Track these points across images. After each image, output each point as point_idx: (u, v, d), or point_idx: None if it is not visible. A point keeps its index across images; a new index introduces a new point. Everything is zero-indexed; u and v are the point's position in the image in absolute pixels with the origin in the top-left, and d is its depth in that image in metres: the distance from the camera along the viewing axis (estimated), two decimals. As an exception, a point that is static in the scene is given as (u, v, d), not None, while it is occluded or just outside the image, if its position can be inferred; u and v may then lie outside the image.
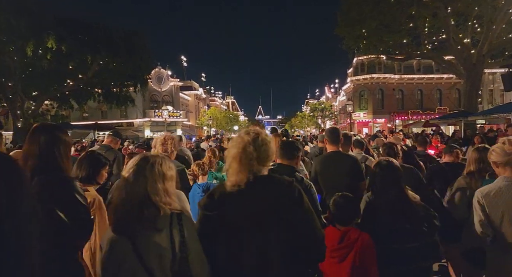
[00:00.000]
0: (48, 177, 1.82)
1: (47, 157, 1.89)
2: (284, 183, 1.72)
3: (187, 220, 1.64)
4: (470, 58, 17.69)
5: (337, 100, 53.20)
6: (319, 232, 1.72)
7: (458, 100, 37.35)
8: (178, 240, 1.55)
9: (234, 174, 1.70)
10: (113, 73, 19.84)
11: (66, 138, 2.03)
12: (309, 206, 1.71)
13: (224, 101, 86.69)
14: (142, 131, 36.46)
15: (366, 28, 18.85)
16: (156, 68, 37.83)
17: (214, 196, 1.72)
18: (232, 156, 1.73)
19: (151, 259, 1.52)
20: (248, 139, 1.73)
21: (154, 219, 1.55)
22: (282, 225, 1.63)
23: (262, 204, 1.65)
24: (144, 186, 1.58)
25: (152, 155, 1.73)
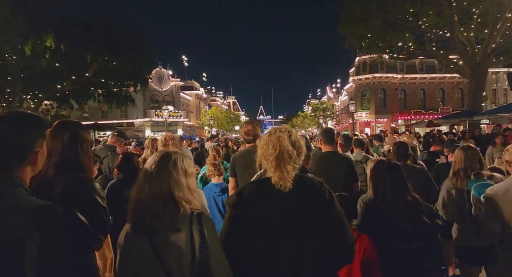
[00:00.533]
0: (69, 177, 1.83)
1: (70, 155, 1.90)
2: (315, 184, 1.66)
3: (207, 220, 1.60)
4: (474, 56, 17.45)
5: (339, 100, 52.92)
6: (350, 235, 1.69)
7: (461, 99, 37.12)
8: (199, 241, 1.51)
9: (281, 173, 1.62)
10: (113, 72, 19.64)
11: (87, 136, 2.04)
12: (339, 208, 1.67)
13: (225, 101, 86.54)
14: (142, 131, 36.30)
15: (369, 26, 18.64)
16: (157, 68, 37.68)
17: (243, 195, 1.65)
18: (276, 156, 1.65)
19: (170, 259, 1.49)
20: (285, 136, 1.69)
21: (173, 218, 1.53)
22: (314, 227, 1.60)
23: (295, 205, 1.60)
24: (168, 182, 1.56)
25: (173, 151, 1.69)
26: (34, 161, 1.28)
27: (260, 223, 1.60)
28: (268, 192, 1.63)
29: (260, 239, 1.59)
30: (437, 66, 36.50)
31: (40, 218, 1.11)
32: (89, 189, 1.89)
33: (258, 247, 1.60)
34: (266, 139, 1.73)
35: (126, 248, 1.57)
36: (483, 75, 17.74)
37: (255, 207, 1.62)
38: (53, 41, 14.61)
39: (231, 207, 1.68)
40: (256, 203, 1.63)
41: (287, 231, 1.58)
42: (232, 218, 1.67)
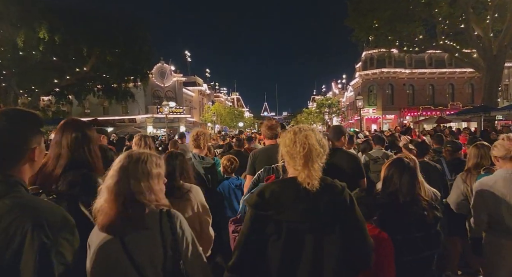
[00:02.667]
0: (75, 174, 1.86)
1: (76, 155, 1.93)
2: (338, 187, 1.65)
3: (178, 216, 1.59)
4: (490, 49, 16.55)
5: (344, 96, 51.94)
6: (369, 240, 1.69)
7: (471, 95, 36.08)
8: (170, 238, 1.51)
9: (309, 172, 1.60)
10: (112, 66, 18.94)
11: (94, 135, 2.05)
12: (360, 213, 1.67)
13: (229, 97, 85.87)
14: (144, 127, 35.76)
15: (378, 17, 17.82)
16: (159, 63, 37.10)
17: (265, 195, 1.61)
18: (304, 154, 1.62)
19: (142, 258, 1.48)
20: (312, 134, 1.68)
21: (141, 218, 1.52)
22: (335, 230, 1.59)
23: (318, 207, 1.58)
24: (127, 185, 1.54)
25: (137, 152, 1.68)
26: (32, 158, 1.28)
27: (282, 225, 1.57)
28: (291, 192, 1.60)
29: (281, 241, 1.57)
30: (446, 61, 35.45)
31: (40, 217, 1.10)
32: (93, 184, 1.86)
33: (279, 249, 1.57)
34: (291, 138, 1.69)
35: (97, 250, 1.54)
36: (499, 69, 16.87)
37: (278, 207, 1.58)
38: (46, 32, 13.90)
39: (252, 207, 1.63)
40: (279, 203, 1.59)
41: (309, 234, 1.57)
42: (252, 218, 1.63)
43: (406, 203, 2.30)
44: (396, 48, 21.07)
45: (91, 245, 1.58)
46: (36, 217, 1.10)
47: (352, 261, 1.64)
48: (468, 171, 3.32)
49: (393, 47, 20.99)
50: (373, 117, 36.72)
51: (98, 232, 1.57)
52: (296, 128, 1.74)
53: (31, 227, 1.06)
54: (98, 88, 21.63)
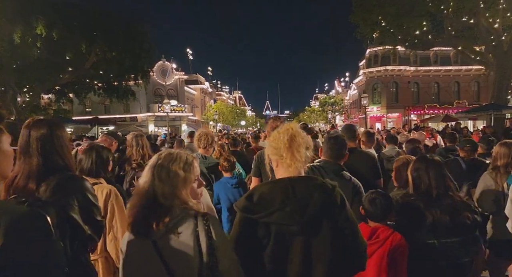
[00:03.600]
0: (57, 178, 1.72)
1: (50, 157, 1.78)
2: (328, 187, 1.60)
3: (214, 220, 1.52)
4: (501, 44, 16.04)
5: (347, 94, 51.41)
6: (362, 241, 1.66)
7: (477, 93, 35.51)
8: (206, 243, 1.44)
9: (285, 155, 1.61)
10: (112, 64, 18.54)
11: (64, 134, 1.90)
12: (351, 214, 1.64)
13: (231, 95, 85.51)
14: (146, 126, 35.44)
15: (384, 13, 17.33)
16: (160, 61, 36.73)
17: (253, 198, 1.59)
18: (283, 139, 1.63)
19: (176, 263, 1.43)
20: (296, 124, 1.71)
21: (174, 221, 1.46)
22: (326, 232, 1.55)
23: (307, 209, 1.53)
24: (156, 187, 1.49)
25: (177, 152, 1.61)
26: None
27: (271, 227, 1.55)
28: (280, 194, 1.56)
29: (271, 245, 1.55)
30: (452, 58, 34.89)
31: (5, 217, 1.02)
32: (80, 187, 1.80)
33: (268, 252, 1.55)
34: (276, 132, 1.71)
35: (129, 254, 1.50)
36: (510, 65, 16.32)
37: (266, 210, 1.54)
38: (44, 28, 13.51)
39: (240, 210, 1.60)
40: (267, 206, 1.55)
41: (298, 236, 1.54)
42: (242, 222, 1.60)
43: (444, 203, 2.20)
44: (401, 45, 20.56)
45: (123, 250, 1.53)
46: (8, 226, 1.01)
47: (345, 262, 1.60)
48: (497, 169, 3.16)
49: (399, 44, 20.48)
50: (377, 116, 36.20)
51: (129, 237, 1.53)
52: (284, 126, 1.72)
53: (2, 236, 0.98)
54: (98, 86, 21.24)
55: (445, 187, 2.28)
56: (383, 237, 2.13)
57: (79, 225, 1.70)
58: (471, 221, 2.20)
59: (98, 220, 1.86)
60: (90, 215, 1.79)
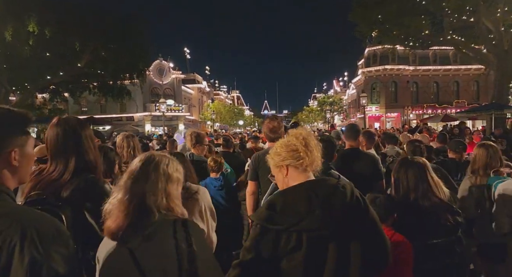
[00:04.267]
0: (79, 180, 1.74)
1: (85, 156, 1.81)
2: (347, 188, 1.54)
3: (194, 227, 1.47)
4: (501, 44, 15.84)
5: (346, 93, 51.21)
6: (387, 239, 1.64)
7: (476, 92, 35.38)
8: (186, 251, 1.36)
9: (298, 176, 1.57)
10: (107, 62, 18.23)
11: (90, 132, 1.91)
12: (374, 213, 1.60)
13: (229, 95, 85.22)
14: (142, 126, 35.15)
15: (384, 12, 17.12)
16: (157, 60, 36.43)
17: (276, 207, 1.50)
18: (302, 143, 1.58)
19: (154, 272, 1.34)
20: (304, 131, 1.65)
21: (153, 227, 1.39)
22: (355, 233, 1.51)
23: (336, 210, 1.47)
24: (143, 187, 1.42)
25: (158, 154, 1.57)
26: (9, 163, 1.15)
27: (302, 235, 1.46)
28: (304, 199, 1.48)
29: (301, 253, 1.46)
30: (451, 57, 34.73)
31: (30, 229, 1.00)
32: (100, 190, 1.79)
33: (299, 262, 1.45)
34: (285, 139, 1.67)
35: (105, 262, 1.44)
36: (511, 64, 16.12)
37: (295, 218, 1.45)
38: (36, 26, 13.19)
39: (264, 221, 1.49)
40: (295, 213, 1.46)
41: (332, 240, 1.48)
42: (264, 234, 1.48)
43: (423, 206, 2.21)
44: (401, 44, 20.36)
45: (99, 259, 1.49)
46: (25, 229, 0.99)
47: (372, 262, 1.58)
48: (476, 173, 3.14)
49: (398, 43, 20.28)
50: (376, 115, 36.00)
51: (106, 244, 1.48)
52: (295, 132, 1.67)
53: (20, 240, 0.97)
54: (93, 85, 20.92)
55: (424, 189, 2.25)
56: None
57: (94, 228, 1.67)
58: (451, 223, 2.19)
59: None
60: None
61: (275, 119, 3.33)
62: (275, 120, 3.29)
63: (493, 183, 2.88)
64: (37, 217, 1.09)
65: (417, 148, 4.08)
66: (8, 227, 0.99)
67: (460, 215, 2.27)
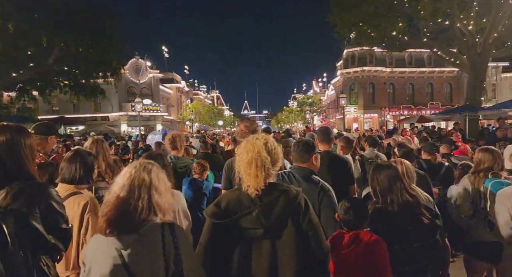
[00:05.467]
0: (19, 185, 1.66)
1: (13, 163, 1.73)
2: (293, 192, 1.70)
3: (180, 231, 1.60)
4: (475, 47, 16.20)
5: (325, 94, 51.65)
6: (325, 244, 1.74)
7: (450, 94, 36.43)
8: (172, 253, 1.48)
9: (251, 180, 1.67)
10: (78, 60, 17.36)
11: (30, 140, 1.86)
12: (315, 218, 1.74)
13: (209, 95, 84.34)
14: (118, 126, 34.08)
15: (361, 13, 17.21)
16: (134, 58, 35.40)
17: (221, 204, 1.70)
18: (247, 161, 1.70)
19: (142, 273, 1.44)
20: (260, 143, 1.73)
21: (144, 230, 1.48)
22: (290, 235, 1.64)
23: (270, 213, 1.63)
24: (137, 194, 1.52)
25: (148, 162, 1.68)
26: None
27: (239, 232, 1.64)
28: (246, 200, 1.67)
29: (239, 249, 1.64)
30: (426, 60, 35.61)
31: None
32: (44, 194, 1.73)
33: (238, 256, 1.63)
34: (242, 146, 1.77)
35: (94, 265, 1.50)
36: (484, 67, 16.59)
37: (234, 215, 1.63)
38: (-3, 19, 12.31)
39: (209, 216, 1.69)
40: (235, 211, 1.64)
41: (265, 239, 1.63)
42: (210, 228, 1.69)
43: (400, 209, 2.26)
44: (378, 45, 20.56)
45: (85, 262, 1.54)
46: None
47: (309, 265, 1.66)
48: (476, 173, 3.28)
49: (376, 45, 20.47)
50: (354, 116, 36.41)
51: (93, 247, 1.53)
52: (250, 137, 1.79)
53: None
54: (64, 84, 19.91)
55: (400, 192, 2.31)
56: (366, 240, 2.12)
57: (41, 234, 1.63)
58: (430, 226, 2.25)
59: (64, 228, 1.80)
60: (54, 223, 1.74)
61: (244, 122, 3.14)
62: (243, 124, 3.11)
63: (490, 183, 3.03)
64: None
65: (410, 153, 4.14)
66: None
67: (439, 218, 2.34)
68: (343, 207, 2.24)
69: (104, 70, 18.64)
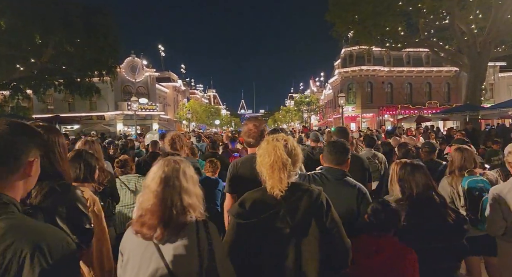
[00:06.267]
0: (48, 185, 1.73)
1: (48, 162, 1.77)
2: (313, 192, 1.75)
3: (213, 227, 1.65)
4: (475, 45, 16.08)
5: (323, 94, 51.49)
6: (347, 241, 1.78)
7: (447, 94, 36.39)
8: (206, 248, 1.55)
9: (275, 182, 1.72)
10: (73, 58, 17.01)
11: (63, 140, 1.95)
12: (336, 216, 1.77)
13: (206, 94, 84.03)
14: (114, 125, 33.69)
15: (360, 12, 17.03)
16: (130, 57, 35.00)
17: (245, 204, 1.74)
18: (270, 165, 1.74)
19: (179, 267, 1.52)
20: (280, 145, 1.76)
21: (181, 226, 1.56)
22: (315, 233, 1.69)
23: (293, 212, 1.68)
24: (174, 192, 1.59)
25: (179, 159, 1.73)
26: (28, 174, 1.15)
27: (265, 231, 1.68)
28: (271, 200, 1.71)
29: (265, 247, 1.69)
30: (424, 59, 35.53)
31: (40, 241, 0.99)
32: (71, 196, 1.81)
33: (263, 254, 1.68)
34: (263, 148, 1.80)
35: (133, 256, 1.57)
36: (484, 66, 16.45)
37: (259, 215, 1.68)
38: (-11, 16, 11.98)
39: (234, 217, 1.74)
40: (260, 211, 1.69)
41: (290, 237, 1.67)
42: (236, 228, 1.75)
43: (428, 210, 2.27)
44: (377, 45, 20.39)
45: (123, 252, 1.62)
46: (35, 241, 0.98)
47: (331, 261, 1.74)
48: (452, 174, 3.42)
49: (374, 44, 20.31)
50: (352, 116, 36.26)
51: (132, 239, 1.59)
52: (270, 138, 1.83)
53: (30, 252, 0.96)
54: (59, 82, 19.54)
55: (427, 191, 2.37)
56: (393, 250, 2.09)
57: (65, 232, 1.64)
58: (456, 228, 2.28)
59: (87, 228, 1.86)
60: (79, 223, 1.80)
61: (252, 121, 2.96)
62: (251, 123, 2.92)
63: (467, 181, 3.18)
64: (46, 230, 1.06)
65: (409, 152, 4.29)
66: (19, 239, 0.96)
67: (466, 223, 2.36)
68: (374, 209, 2.22)
69: (99, 69, 18.30)
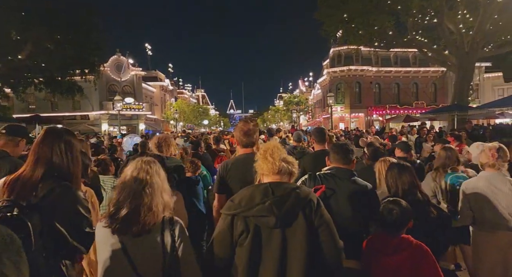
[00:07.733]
0: (53, 184, 1.74)
1: (57, 163, 1.83)
2: (304, 190, 1.79)
3: (180, 226, 1.71)
4: (462, 46, 16.09)
5: (311, 93, 51.46)
6: (338, 242, 1.77)
7: (434, 94, 36.74)
8: (170, 244, 1.62)
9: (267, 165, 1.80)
10: (54, 55, 16.31)
11: (77, 143, 1.99)
12: (326, 214, 1.79)
13: (194, 94, 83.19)
14: (98, 125, 32.85)
15: (349, 11, 16.89)
16: (115, 56, 34.18)
17: (235, 198, 1.79)
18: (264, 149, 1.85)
19: (143, 262, 1.57)
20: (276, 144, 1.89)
21: (147, 222, 1.60)
22: (301, 227, 1.70)
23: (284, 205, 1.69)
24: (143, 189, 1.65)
25: (149, 159, 1.80)
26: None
27: (250, 221, 1.71)
28: (260, 194, 1.74)
29: (249, 238, 1.69)
30: (411, 60, 35.76)
31: None
32: (72, 198, 1.80)
33: (247, 246, 1.69)
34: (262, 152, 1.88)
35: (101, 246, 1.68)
36: (471, 66, 16.47)
37: (246, 206, 1.71)
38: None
39: (224, 210, 1.78)
40: (248, 202, 1.72)
41: (276, 229, 1.69)
42: (224, 220, 1.77)
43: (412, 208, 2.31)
44: (366, 44, 20.30)
45: (97, 241, 1.72)
46: None
47: (321, 261, 1.73)
48: (437, 170, 3.75)
49: (363, 43, 20.21)
50: (340, 116, 36.23)
51: (101, 229, 1.66)
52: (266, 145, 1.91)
53: None
54: (39, 80, 18.77)
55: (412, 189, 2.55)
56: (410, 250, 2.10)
57: (63, 235, 1.68)
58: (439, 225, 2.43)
59: (87, 232, 1.80)
60: (78, 226, 1.76)
61: (249, 122, 3.01)
62: (249, 123, 2.98)
63: (449, 177, 3.53)
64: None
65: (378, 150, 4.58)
66: None
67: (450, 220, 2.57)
68: (387, 207, 2.23)
69: (81, 67, 17.63)
